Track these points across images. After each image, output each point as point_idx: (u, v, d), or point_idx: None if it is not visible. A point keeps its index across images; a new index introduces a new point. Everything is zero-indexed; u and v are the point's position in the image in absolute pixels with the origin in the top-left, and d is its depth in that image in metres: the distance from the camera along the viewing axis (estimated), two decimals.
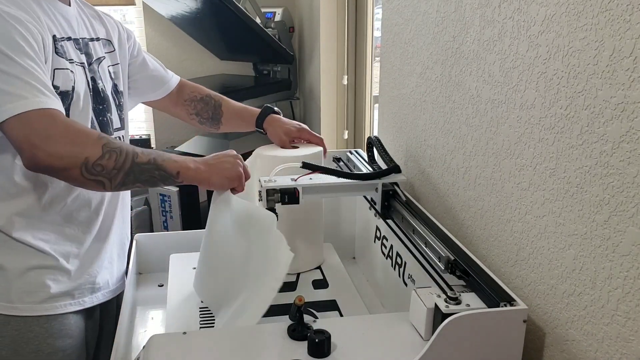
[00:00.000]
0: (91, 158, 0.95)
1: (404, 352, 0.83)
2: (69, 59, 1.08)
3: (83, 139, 0.96)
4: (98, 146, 0.96)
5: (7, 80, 0.93)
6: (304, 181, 1.13)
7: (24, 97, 0.93)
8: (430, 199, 1.28)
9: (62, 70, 1.06)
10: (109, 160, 0.96)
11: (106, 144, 0.97)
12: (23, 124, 0.93)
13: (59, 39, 1.07)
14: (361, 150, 1.48)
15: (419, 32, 1.27)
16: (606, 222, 0.73)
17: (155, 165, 1.00)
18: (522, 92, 0.89)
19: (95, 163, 0.95)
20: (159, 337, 0.89)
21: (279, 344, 0.85)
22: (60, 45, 1.07)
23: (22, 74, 0.94)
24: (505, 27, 0.92)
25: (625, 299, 0.70)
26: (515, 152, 0.92)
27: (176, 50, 2.97)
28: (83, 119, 1.11)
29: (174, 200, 2.67)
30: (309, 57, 2.63)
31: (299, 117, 2.95)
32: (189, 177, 1.04)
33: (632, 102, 0.67)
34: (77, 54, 1.12)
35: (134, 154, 0.99)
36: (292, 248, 1.31)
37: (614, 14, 0.69)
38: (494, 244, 1.01)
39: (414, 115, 1.34)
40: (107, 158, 0.96)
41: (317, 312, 1.16)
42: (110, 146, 0.97)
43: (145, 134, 3.06)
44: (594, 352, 0.77)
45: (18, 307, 1.08)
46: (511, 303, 0.80)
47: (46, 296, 1.10)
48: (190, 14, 2.41)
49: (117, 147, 0.98)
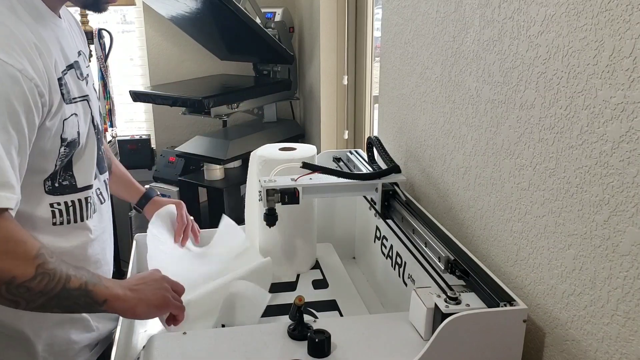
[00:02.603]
0: (19, 278, 0.81)
1: (404, 352, 0.83)
2: (72, 100, 0.98)
3: (18, 254, 0.82)
4: (32, 266, 0.82)
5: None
6: (304, 181, 1.13)
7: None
8: (430, 199, 1.28)
9: (69, 119, 0.96)
10: (39, 284, 0.83)
11: (41, 264, 0.83)
12: None
13: (62, 76, 0.95)
14: (361, 150, 1.48)
15: (419, 32, 1.28)
16: (606, 222, 0.73)
17: (85, 292, 0.87)
18: (522, 92, 0.89)
19: (20, 284, 0.81)
20: (159, 337, 0.89)
21: (279, 343, 0.85)
22: (64, 84, 0.95)
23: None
24: (505, 27, 0.93)
25: (625, 299, 0.70)
26: (515, 152, 0.92)
27: (176, 50, 2.97)
28: (87, 163, 1.03)
29: None
30: (309, 57, 2.63)
31: (299, 117, 2.95)
32: (115, 307, 0.91)
33: (632, 102, 0.67)
34: (78, 84, 1.01)
35: (67, 278, 0.86)
36: (291, 249, 1.32)
37: (614, 14, 0.69)
38: (493, 244, 1.01)
39: (414, 115, 1.34)
40: (37, 281, 0.82)
41: (317, 312, 1.16)
42: (45, 267, 0.83)
43: (145, 134, 3.05)
44: (593, 352, 0.77)
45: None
46: (511, 303, 0.80)
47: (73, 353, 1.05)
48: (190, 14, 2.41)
49: (51, 269, 0.84)
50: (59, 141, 0.94)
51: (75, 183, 1.02)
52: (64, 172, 1.00)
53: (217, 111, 2.34)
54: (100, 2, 1.01)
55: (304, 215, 1.32)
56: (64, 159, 0.97)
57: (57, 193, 0.99)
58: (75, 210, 1.02)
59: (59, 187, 0.99)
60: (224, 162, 2.34)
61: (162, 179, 2.75)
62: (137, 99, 2.40)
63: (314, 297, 1.22)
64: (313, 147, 1.35)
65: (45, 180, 0.97)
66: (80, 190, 1.03)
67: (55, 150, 0.95)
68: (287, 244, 1.31)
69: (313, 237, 1.37)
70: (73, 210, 1.02)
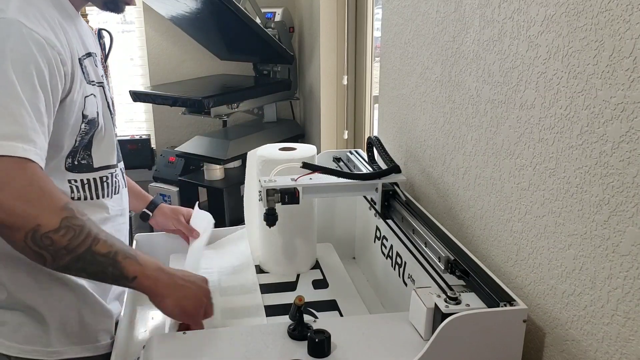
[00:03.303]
0: (43, 227, 0.82)
1: (404, 352, 0.83)
2: (91, 82, 1.02)
3: (44, 203, 0.83)
4: (57, 217, 0.83)
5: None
6: (304, 181, 1.13)
7: (3, 136, 0.82)
8: (430, 199, 1.28)
9: (89, 97, 1.00)
10: (62, 237, 0.83)
11: (68, 217, 0.84)
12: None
13: (82, 60, 1.00)
14: (361, 150, 1.48)
15: (419, 32, 1.28)
16: (606, 222, 0.73)
17: (113, 261, 0.87)
18: (522, 92, 0.89)
19: (45, 234, 0.82)
20: (159, 337, 0.89)
21: (279, 344, 0.85)
22: (85, 67, 1.00)
23: (15, 106, 0.83)
24: (505, 27, 0.93)
25: (625, 299, 0.70)
26: (515, 152, 0.92)
27: (176, 50, 2.97)
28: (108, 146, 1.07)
29: (174, 200, 2.67)
30: (309, 57, 2.63)
31: (299, 117, 2.95)
32: (144, 286, 0.90)
33: (632, 102, 0.67)
34: (95, 71, 1.06)
35: (94, 240, 0.86)
36: (291, 249, 1.32)
37: (614, 14, 0.69)
38: (493, 244, 1.01)
39: (414, 115, 1.34)
40: (61, 234, 0.83)
41: (317, 312, 1.16)
42: (71, 222, 0.84)
43: (145, 134, 3.06)
44: (593, 352, 0.77)
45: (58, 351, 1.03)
46: (511, 303, 0.80)
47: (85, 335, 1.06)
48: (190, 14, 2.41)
49: (78, 225, 0.84)
50: (81, 117, 0.99)
51: (92, 163, 1.06)
52: (83, 151, 1.04)
53: (217, 111, 2.35)
54: (119, 2, 1.06)
55: (304, 215, 1.32)
56: (84, 135, 1.01)
57: (75, 171, 1.03)
58: (90, 188, 1.06)
59: (78, 165, 1.03)
60: (224, 162, 2.34)
61: (162, 179, 2.76)
62: (137, 99, 2.40)
63: (314, 297, 1.22)
64: (313, 147, 1.35)
65: (67, 157, 1.01)
66: (96, 170, 1.07)
67: (77, 125, 0.99)
68: (287, 244, 1.31)
69: (313, 237, 1.37)
70: (89, 188, 1.06)
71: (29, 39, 0.86)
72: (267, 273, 1.33)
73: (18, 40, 0.86)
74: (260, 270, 1.34)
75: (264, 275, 1.32)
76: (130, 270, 0.88)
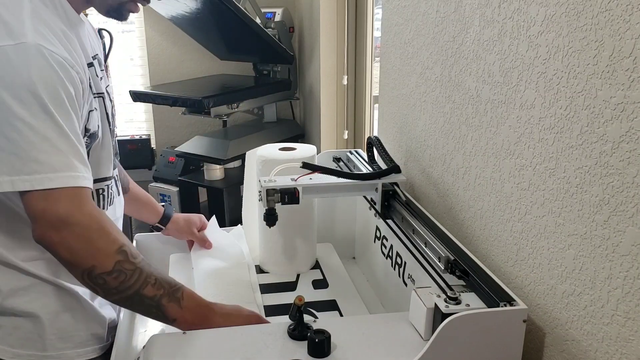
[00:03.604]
0: (98, 269, 0.87)
1: (404, 352, 0.83)
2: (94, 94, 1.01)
3: (101, 245, 0.88)
4: (111, 260, 0.87)
5: (37, 142, 0.84)
6: (304, 181, 1.13)
7: (53, 169, 0.84)
8: (430, 199, 1.28)
9: (92, 111, 0.99)
10: (114, 280, 0.88)
11: (121, 261, 0.88)
12: (46, 199, 0.84)
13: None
14: (361, 150, 1.47)
15: (419, 32, 1.28)
16: (606, 222, 0.73)
17: (157, 304, 0.91)
18: (522, 92, 0.89)
19: (99, 275, 0.87)
20: (159, 337, 0.89)
21: (279, 344, 0.85)
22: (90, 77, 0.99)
23: (56, 136, 0.85)
24: (505, 27, 0.93)
25: (625, 299, 0.70)
26: (515, 152, 0.92)
27: (176, 50, 2.97)
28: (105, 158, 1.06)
29: (174, 200, 2.67)
30: (309, 57, 2.63)
31: (299, 117, 2.95)
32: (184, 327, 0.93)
33: (632, 102, 0.67)
34: (96, 82, 1.03)
35: (143, 284, 0.90)
36: (291, 249, 1.32)
37: (614, 14, 0.69)
38: (493, 244, 1.01)
39: (414, 115, 1.34)
40: (113, 276, 0.87)
41: (317, 312, 1.16)
42: (123, 266, 0.88)
43: (145, 134, 3.06)
44: (593, 352, 0.77)
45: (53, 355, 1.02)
46: (511, 303, 0.80)
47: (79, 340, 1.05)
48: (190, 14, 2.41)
49: (130, 269, 0.89)
50: (84, 130, 0.97)
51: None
52: None
53: (217, 111, 2.34)
54: (123, 10, 1.04)
55: (304, 215, 1.32)
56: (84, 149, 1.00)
57: None
58: None
59: None
60: (224, 162, 2.34)
61: (162, 179, 2.75)
62: (137, 99, 2.40)
63: (314, 297, 1.22)
64: (313, 147, 1.35)
65: None
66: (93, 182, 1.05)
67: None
68: (287, 244, 1.31)
69: (313, 237, 1.37)
70: None
71: (52, 61, 0.86)
72: (267, 273, 1.33)
73: (43, 66, 0.85)
74: (260, 270, 1.34)
75: (264, 275, 1.32)
76: (171, 313, 0.93)
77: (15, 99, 0.83)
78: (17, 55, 0.84)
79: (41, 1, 0.92)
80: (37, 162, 0.84)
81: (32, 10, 0.89)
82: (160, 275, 0.94)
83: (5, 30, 0.86)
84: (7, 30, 0.86)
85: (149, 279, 0.91)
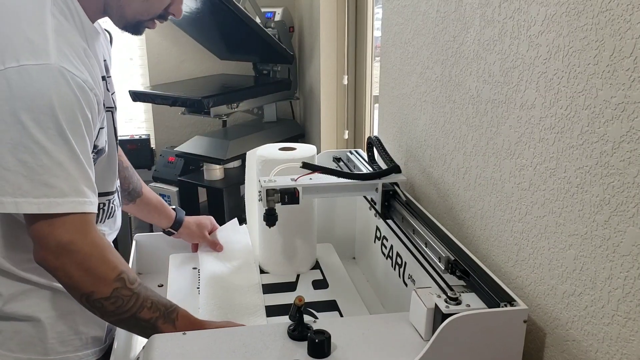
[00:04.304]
0: (96, 294, 0.89)
1: (404, 352, 0.83)
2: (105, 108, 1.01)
3: (100, 273, 0.90)
4: (109, 287, 0.90)
5: (50, 166, 0.84)
6: (304, 181, 1.13)
7: (62, 194, 0.85)
8: (430, 199, 1.28)
9: (103, 128, 0.99)
10: (112, 304, 0.90)
11: (119, 288, 0.90)
12: (51, 223, 0.86)
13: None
14: (361, 150, 1.47)
15: (419, 32, 1.27)
16: (606, 222, 0.73)
17: (153, 326, 0.94)
18: (523, 92, 0.89)
19: (97, 300, 0.90)
20: (159, 337, 0.89)
21: (279, 344, 0.85)
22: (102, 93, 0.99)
23: (69, 161, 0.85)
24: (505, 27, 0.92)
25: (626, 299, 0.70)
26: (515, 152, 0.92)
27: (176, 50, 2.97)
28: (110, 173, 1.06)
29: (174, 200, 2.67)
30: (309, 57, 2.63)
31: (299, 117, 2.95)
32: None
33: (633, 102, 0.67)
34: (107, 96, 1.03)
35: (140, 308, 0.92)
36: (291, 249, 1.32)
37: (614, 14, 0.68)
38: (494, 244, 1.01)
39: (414, 115, 1.34)
40: (111, 301, 0.90)
41: (317, 312, 1.16)
42: (121, 292, 0.91)
43: (145, 134, 3.05)
44: (594, 352, 0.77)
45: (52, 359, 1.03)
46: (511, 303, 0.80)
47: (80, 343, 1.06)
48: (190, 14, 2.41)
49: (127, 295, 0.91)
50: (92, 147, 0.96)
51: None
52: None
53: (217, 111, 2.34)
54: (140, 27, 1.04)
55: (304, 215, 1.32)
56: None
57: None
58: None
59: None
60: (224, 162, 2.33)
61: (161, 179, 2.75)
62: (137, 99, 2.40)
63: (314, 297, 1.22)
64: (313, 147, 1.35)
65: None
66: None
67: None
68: (287, 244, 1.31)
69: (313, 237, 1.37)
70: None
71: (74, 85, 0.86)
72: (267, 273, 1.33)
73: (64, 90, 0.85)
74: (260, 270, 1.34)
75: (264, 276, 1.32)
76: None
77: (34, 121, 0.83)
78: (40, 77, 0.84)
79: (62, 14, 0.91)
80: (47, 185, 0.84)
81: (55, 28, 0.88)
82: (157, 297, 0.96)
83: (29, 48, 0.85)
84: (32, 48, 0.85)
85: (145, 303, 0.93)
